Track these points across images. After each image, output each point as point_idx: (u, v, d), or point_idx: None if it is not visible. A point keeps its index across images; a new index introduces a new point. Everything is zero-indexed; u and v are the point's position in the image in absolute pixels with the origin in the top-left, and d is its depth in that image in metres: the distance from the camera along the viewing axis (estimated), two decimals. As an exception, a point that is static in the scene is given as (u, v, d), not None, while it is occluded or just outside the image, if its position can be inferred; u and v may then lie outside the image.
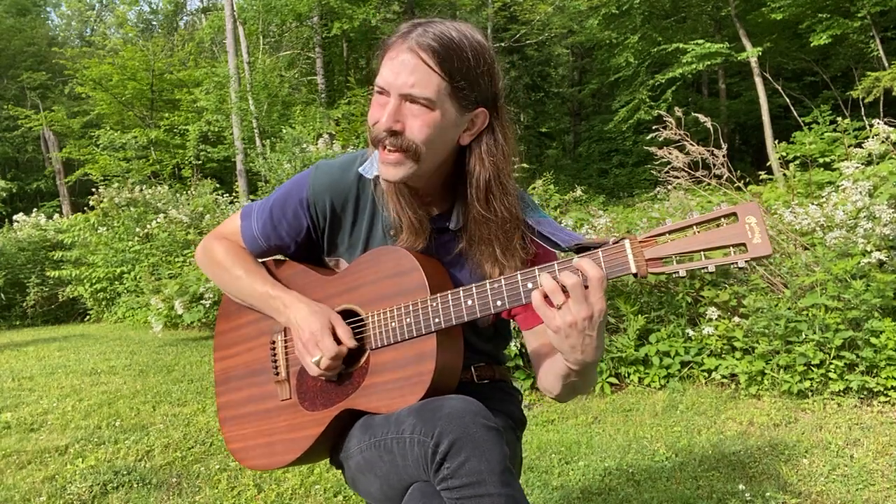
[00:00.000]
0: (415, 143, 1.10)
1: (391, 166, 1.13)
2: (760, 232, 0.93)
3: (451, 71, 1.09)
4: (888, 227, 3.31)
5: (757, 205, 0.95)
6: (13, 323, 9.05)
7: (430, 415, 1.03)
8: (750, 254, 0.94)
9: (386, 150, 1.12)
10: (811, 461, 2.51)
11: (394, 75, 1.09)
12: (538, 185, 5.73)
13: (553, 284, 1.01)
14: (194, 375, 4.62)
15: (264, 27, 17.48)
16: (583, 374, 1.10)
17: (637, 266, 0.99)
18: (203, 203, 8.65)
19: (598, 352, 1.04)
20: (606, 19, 16.37)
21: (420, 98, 1.09)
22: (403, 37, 1.10)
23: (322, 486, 2.48)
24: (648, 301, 3.96)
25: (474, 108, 1.14)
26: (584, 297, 0.99)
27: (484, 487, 0.96)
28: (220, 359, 1.44)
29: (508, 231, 1.18)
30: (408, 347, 1.15)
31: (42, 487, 2.57)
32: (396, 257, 1.19)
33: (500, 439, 1.01)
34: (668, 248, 0.99)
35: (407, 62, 1.08)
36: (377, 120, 1.12)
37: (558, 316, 1.00)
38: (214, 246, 1.39)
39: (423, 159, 1.12)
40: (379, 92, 1.12)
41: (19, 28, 26.16)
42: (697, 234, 0.97)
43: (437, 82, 1.08)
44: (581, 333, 1.01)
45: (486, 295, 1.09)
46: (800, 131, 8.06)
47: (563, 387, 1.16)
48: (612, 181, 19.32)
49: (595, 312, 1.00)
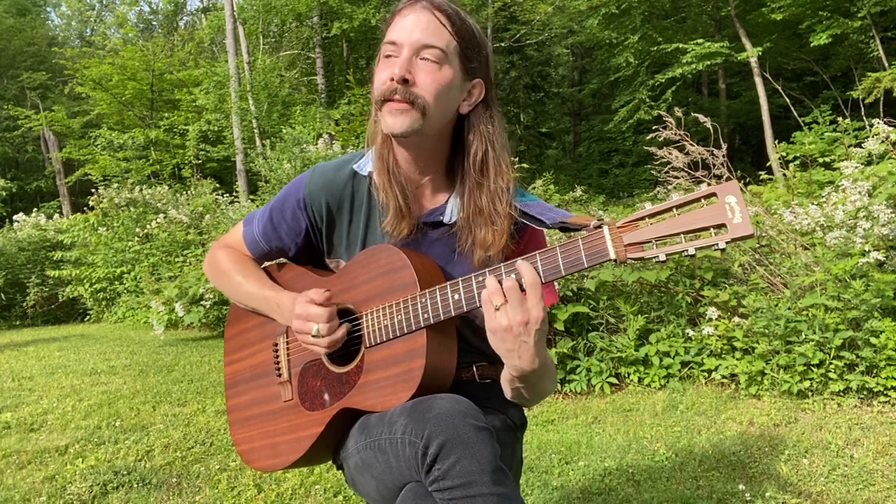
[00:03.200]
0: (423, 95, 1.13)
1: (398, 114, 1.13)
2: (741, 211, 0.90)
3: (460, 32, 1.14)
4: (886, 228, 3.31)
5: (736, 183, 0.92)
6: (13, 323, 9.05)
7: (420, 415, 1.02)
8: (730, 234, 0.91)
9: (393, 101, 1.13)
10: (811, 461, 2.52)
11: (408, 30, 1.13)
12: (538, 185, 5.74)
13: (495, 285, 1.01)
14: (194, 375, 4.62)
15: (264, 27, 17.50)
16: (525, 381, 1.09)
17: (616, 252, 0.97)
18: (203, 203, 8.66)
19: (535, 361, 1.03)
20: (606, 19, 16.37)
21: (434, 49, 1.12)
22: (412, 1, 1.15)
23: (322, 486, 2.48)
24: (648, 301, 3.96)
25: (473, 77, 1.19)
26: (519, 302, 0.99)
27: (475, 488, 0.95)
28: (229, 363, 1.47)
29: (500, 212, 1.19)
30: (399, 344, 1.15)
31: (42, 487, 2.57)
32: (388, 254, 1.20)
33: (491, 439, 1.01)
34: (647, 233, 0.96)
35: (421, 17, 1.13)
36: (387, 77, 1.13)
37: (496, 317, 1.01)
38: (218, 255, 1.43)
39: (429, 115, 1.14)
40: (388, 52, 1.14)
41: (19, 28, 26.16)
42: (677, 217, 0.95)
43: (448, 38, 1.13)
44: (517, 339, 1.00)
45: (472, 288, 1.09)
46: (800, 131, 8.07)
47: (512, 391, 1.17)
48: (612, 181, 19.33)
49: (531, 319, 0.99)
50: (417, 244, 1.24)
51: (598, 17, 16.34)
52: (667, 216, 0.96)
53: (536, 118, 23.33)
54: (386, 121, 1.15)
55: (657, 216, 0.97)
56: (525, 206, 1.19)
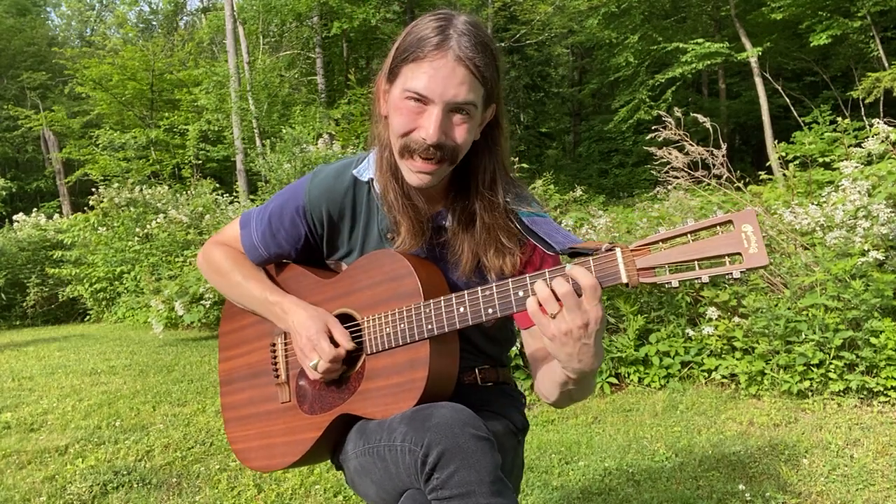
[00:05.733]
0: (456, 148, 1.10)
1: (429, 175, 1.11)
2: (757, 241, 0.89)
3: (488, 78, 1.09)
4: (886, 227, 3.31)
5: (754, 212, 0.91)
6: (13, 323, 9.06)
7: (419, 424, 1.02)
8: (745, 264, 0.90)
9: (423, 159, 1.10)
10: (811, 461, 2.51)
11: (441, 86, 1.06)
12: (538, 185, 5.73)
13: (547, 292, 0.99)
14: (194, 375, 4.62)
15: (264, 27, 17.48)
16: (580, 382, 1.08)
17: (628, 276, 0.96)
18: (203, 203, 8.65)
19: (596, 360, 1.01)
20: (606, 19, 16.36)
21: (468, 108, 1.08)
22: (441, 47, 1.06)
23: (322, 486, 2.48)
24: (648, 301, 3.96)
25: (489, 104, 1.16)
26: (577, 305, 0.97)
27: (474, 498, 0.95)
28: (224, 359, 1.45)
29: (507, 226, 1.18)
30: (402, 353, 1.14)
31: (42, 487, 2.57)
32: (392, 261, 1.18)
33: (492, 449, 1.00)
34: (660, 258, 0.95)
35: (457, 73, 1.06)
36: (413, 128, 1.09)
37: (553, 324, 0.98)
38: (214, 252, 1.40)
39: (456, 161, 1.13)
40: (416, 99, 1.07)
41: (19, 28, 26.15)
42: (692, 243, 0.93)
43: (478, 89, 1.09)
44: (577, 342, 0.98)
45: (478, 302, 1.07)
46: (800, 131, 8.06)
47: (561, 394, 1.15)
48: (612, 181, 19.31)
49: (591, 321, 0.97)
50: (419, 250, 1.23)
51: (598, 16, 16.32)
52: (680, 241, 0.95)
53: (536, 118, 23.33)
54: (412, 176, 1.13)
55: (671, 241, 0.95)
56: (532, 222, 1.17)
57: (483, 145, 1.18)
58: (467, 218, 1.20)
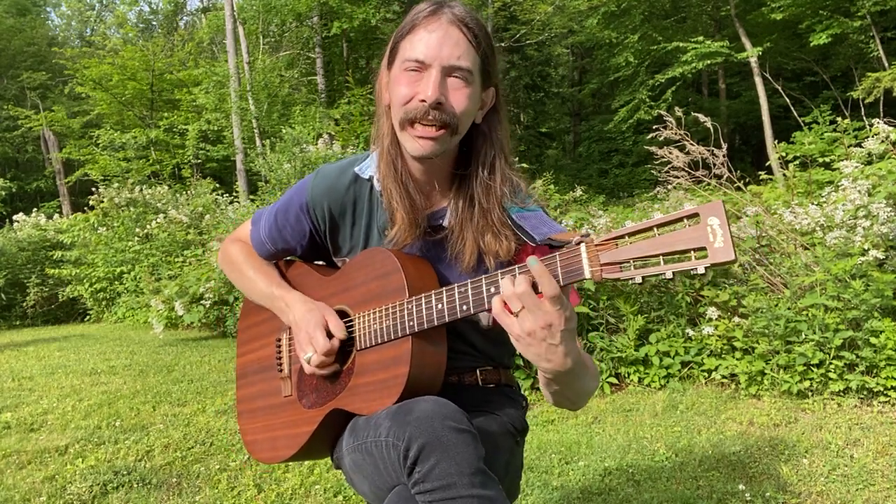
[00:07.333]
0: (456, 115, 1.11)
1: (431, 141, 1.11)
2: (724, 234, 0.84)
3: (482, 47, 1.12)
4: (886, 226, 3.31)
5: (721, 204, 0.86)
6: (13, 323, 9.06)
7: (401, 418, 1.02)
8: (710, 259, 0.85)
9: (424, 125, 1.11)
10: (811, 461, 2.51)
11: (437, 47, 1.08)
12: (538, 185, 5.73)
13: (511, 290, 0.97)
14: (194, 375, 4.62)
15: (264, 27, 17.47)
16: (562, 382, 1.07)
17: (592, 271, 0.93)
18: (203, 203, 8.66)
19: (567, 361, 0.99)
20: (606, 18, 16.36)
21: (464, 70, 1.10)
22: (435, 13, 1.10)
23: (322, 486, 2.48)
24: (648, 301, 3.96)
25: (488, 86, 1.17)
26: (537, 306, 0.95)
27: (454, 490, 0.95)
28: (240, 354, 1.50)
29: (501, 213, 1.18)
30: (387, 350, 1.15)
31: (42, 487, 2.57)
32: (382, 258, 1.20)
33: (473, 440, 1.00)
34: (626, 252, 0.92)
35: (450, 35, 1.09)
36: (413, 95, 1.10)
37: (516, 324, 0.97)
38: (230, 248, 1.46)
39: (459, 133, 1.13)
40: (414, 68, 1.10)
41: (19, 28, 26.15)
42: (658, 237, 0.90)
43: (474, 56, 1.11)
44: (542, 342, 0.97)
45: (454, 299, 1.07)
46: (800, 131, 8.07)
47: (552, 394, 1.14)
48: (612, 181, 19.31)
49: (554, 321, 0.95)
50: (417, 247, 1.24)
51: (597, 16, 16.32)
52: (648, 235, 0.91)
53: (536, 118, 23.32)
54: (414, 144, 1.13)
55: (638, 234, 0.92)
56: (521, 217, 1.17)
57: (484, 131, 1.20)
58: (467, 203, 1.20)
